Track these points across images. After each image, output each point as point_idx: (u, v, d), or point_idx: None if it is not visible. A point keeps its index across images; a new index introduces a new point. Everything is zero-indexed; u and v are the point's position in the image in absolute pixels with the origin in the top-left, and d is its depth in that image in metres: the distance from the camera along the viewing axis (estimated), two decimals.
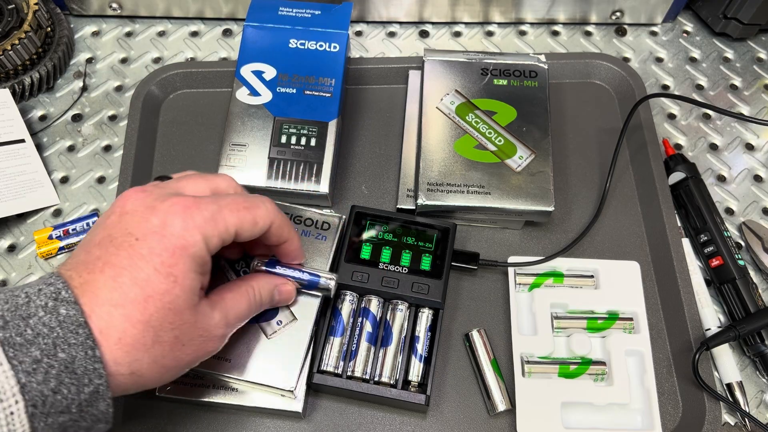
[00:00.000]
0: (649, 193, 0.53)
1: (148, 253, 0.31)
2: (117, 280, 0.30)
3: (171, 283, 0.31)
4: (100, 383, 0.29)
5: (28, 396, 0.27)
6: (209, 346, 0.35)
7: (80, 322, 0.29)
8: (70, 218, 0.54)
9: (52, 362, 0.28)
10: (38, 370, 0.27)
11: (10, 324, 0.28)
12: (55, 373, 0.28)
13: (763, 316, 0.46)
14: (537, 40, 0.64)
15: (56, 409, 0.28)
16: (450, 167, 0.49)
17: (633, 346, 0.46)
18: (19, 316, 0.28)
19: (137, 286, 0.30)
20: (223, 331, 0.35)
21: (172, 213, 0.32)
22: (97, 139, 0.58)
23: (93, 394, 0.29)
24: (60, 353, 0.28)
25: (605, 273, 0.49)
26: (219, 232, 0.33)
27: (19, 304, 0.29)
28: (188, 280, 0.32)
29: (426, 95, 0.52)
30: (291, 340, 0.43)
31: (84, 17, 0.65)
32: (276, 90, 0.52)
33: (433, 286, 0.45)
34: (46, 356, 0.28)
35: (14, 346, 0.27)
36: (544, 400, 0.44)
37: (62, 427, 0.29)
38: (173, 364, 0.33)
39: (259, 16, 0.54)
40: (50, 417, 0.28)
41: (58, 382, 0.28)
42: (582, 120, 0.58)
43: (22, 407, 0.27)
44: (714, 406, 0.44)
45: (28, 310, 0.29)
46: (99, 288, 0.30)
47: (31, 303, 0.29)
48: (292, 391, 0.41)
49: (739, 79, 0.61)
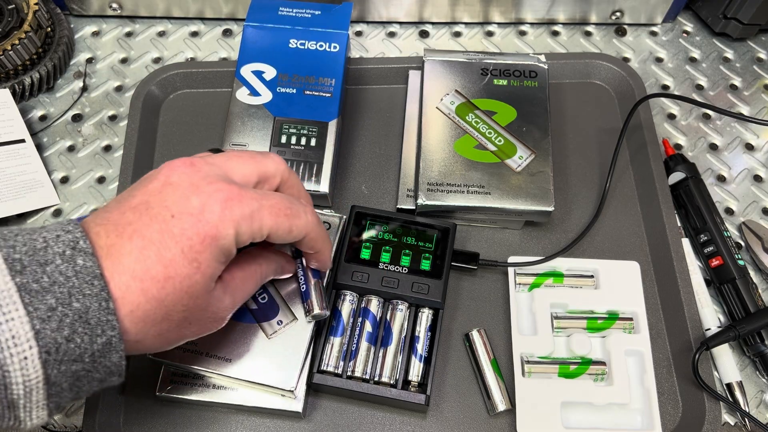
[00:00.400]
0: (649, 193, 0.53)
1: (180, 233, 0.31)
2: (143, 252, 0.30)
3: (194, 269, 0.31)
4: (113, 335, 0.29)
5: (41, 342, 0.27)
6: (214, 326, 0.36)
7: (96, 273, 0.29)
8: (70, 218, 0.54)
9: (67, 311, 0.28)
10: (52, 318, 0.28)
11: (27, 270, 0.28)
12: (69, 321, 0.28)
13: (763, 316, 0.46)
14: (537, 40, 0.64)
15: (69, 357, 0.28)
16: (450, 167, 0.49)
17: (633, 346, 0.46)
18: (36, 262, 0.28)
19: (161, 263, 0.30)
20: (228, 313, 0.36)
21: (213, 199, 0.32)
22: (97, 139, 0.58)
23: (106, 345, 0.29)
24: (74, 303, 0.28)
25: (605, 273, 0.49)
26: (252, 230, 0.33)
27: (37, 248, 0.29)
28: (210, 268, 0.32)
29: (426, 95, 0.52)
30: (291, 340, 0.43)
31: (84, 17, 0.65)
32: (276, 90, 0.52)
33: (433, 286, 0.45)
34: (60, 305, 0.28)
35: (30, 292, 0.27)
36: (544, 400, 0.44)
37: (75, 375, 0.29)
38: (175, 338, 0.34)
39: (259, 16, 0.54)
40: (63, 365, 0.28)
41: (72, 331, 0.28)
42: (582, 120, 0.58)
43: (36, 353, 0.27)
44: (714, 406, 0.44)
45: (45, 256, 0.29)
46: (123, 255, 0.30)
47: (48, 249, 0.29)
48: (292, 391, 0.41)
49: (739, 79, 0.61)
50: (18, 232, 0.30)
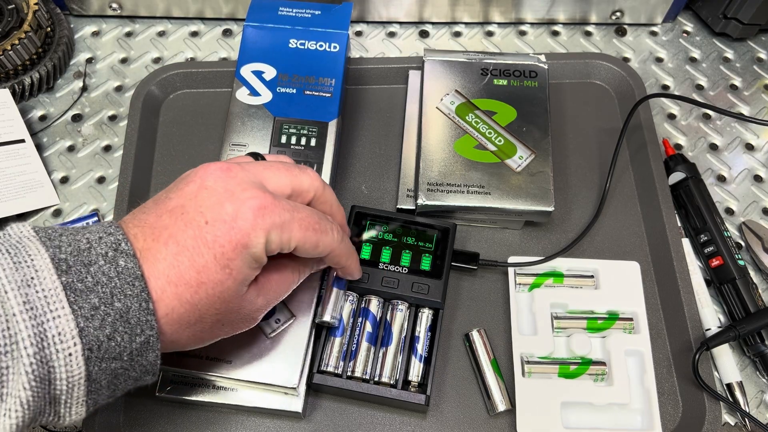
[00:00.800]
0: (649, 193, 0.52)
1: (213, 240, 0.31)
2: (177, 258, 0.31)
3: (226, 275, 0.32)
4: (151, 334, 0.30)
5: (85, 340, 0.28)
6: (246, 325, 0.37)
7: (137, 275, 0.30)
8: (70, 218, 0.54)
9: (109, 310, 0.29)
10: (95, 317, 0.29)
11: (72, 269, 0.29)
12: (110, 320, 0.29)
13: (763, 316, 0.46)
14: (537, 40, 0.64)
15: (110, 355, 0.29)
16: (450, 167, 0.49)
17: (633, 346, 0.46)
18: (81, 262, 0.29)
19: (194, 269, 0.31)
20: (263, 313, 0.37)
21: (246, 207, 0.32)
22: (97, 139, 0.58)
23: (144, 344, 0.30)
24: (116, 302, 0.29)
25: (605, 273, 0.49)
26: (281, 241, 0.33)
27: (81, 249, 0.30)
28: (242, 274, 0.33)
29: (426, 95, 0.52)
30: (290, 338, 0.43)
31: (84, 17, 0.65)
32: (276, 90, 0.52)
33: (433, 286, 0.45)
34: (103, 304, 0.29)
35: (75, 291, 0.29)
36: (544, 400, 0.44)
37: (114, 373, 0.30)
38: (209, 338, 0.35)
39: (259, 16, 0.54)
40: (104, 362, 0.29)
41: (113, 330, 0.29)
42: (582, 120, 0.58)
43: (80, 350, 0.28)
44: (714, 406, 0.44)
45: (89, 257, 0.30)
46: (159, 260, 0.31)
47: (92, 250, 0.30)
48: (295, 388, 0.41)
49: (739, 79, 0.61)
50: (62, 232, 0.31)
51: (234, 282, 0.32)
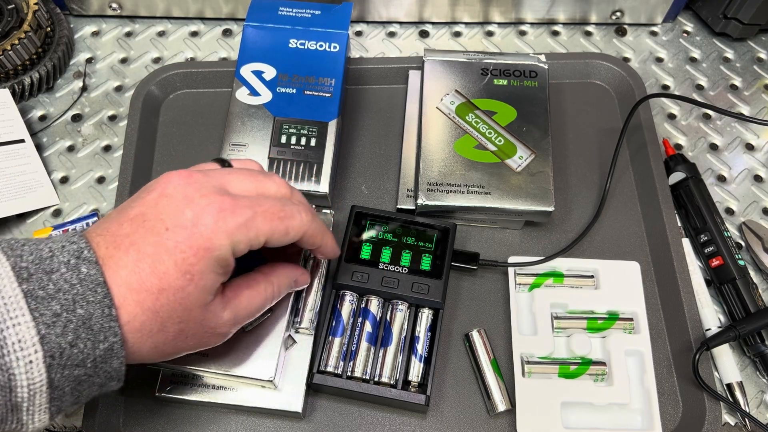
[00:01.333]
0: (649, 193, 0.52)
1: (173, 246, 0.31)
2: (138, 265, 0.31)
3: (186, 281, 0.31)
4: (114, 341, 0.30)
5: (46, 347, 0.28)
6: (211, 341, 0.36)
7: (99, 281, 0.30)
8: (70, 218, 0.54)
9: (71, 317, 0.29)
10: (57, 324, 0.28)
11: (34, 277, 0.29)
12: (72, 327, 0.29)
13: (763, 316, 0.46)
14: (537, 40, 0.64)
15: (72, 362, 0.29)
16: (450, 167, 0.49)
17: (633, 346, 0.46)
18: (42, 270, 0.29)
19: (155, 276, 0.31)
20: (228, 329, 0.36)
21: (206, 212, 0.32)
22: (97, 139, 0.58)
23: (107, 351, 0.30)
24: (79, 309, 0.29)
25: (605, 273, 0.49)
26: (249, 238, 0.33)
27: (43, 257, 0.30)
28: (204, 280, 0.32)
29: (426, 95, 0.52)
30: (266, 331, 0.42)
31: (84, 17, 0.65)
32: (276, 90, 0.52)
33: (433, 286, 0.45)
34: (65, 311, 0.29)
35: (36, 299, 0.28)
36: (544, 400, 0.44)
37: (77, 380, 0.30)
38: (172, 351, 0.34)
39: (259, 16, 0.54)
40: (66, 369, 0.29)
41: (75, 336, 0.29)
42: (582, 120, 0.58)
43: (41, 357, 0.28)
44: (714, 406, 0.44)
45: (51, 265, 0.30)
46: (120, 268, 0.31)
47: (54, 258, 0.30)
48: (271, 381, 0.41)
49: (739, 79, 0.61)
50: (25, 242, 0.31)
51: (196, 288, 0.32)
